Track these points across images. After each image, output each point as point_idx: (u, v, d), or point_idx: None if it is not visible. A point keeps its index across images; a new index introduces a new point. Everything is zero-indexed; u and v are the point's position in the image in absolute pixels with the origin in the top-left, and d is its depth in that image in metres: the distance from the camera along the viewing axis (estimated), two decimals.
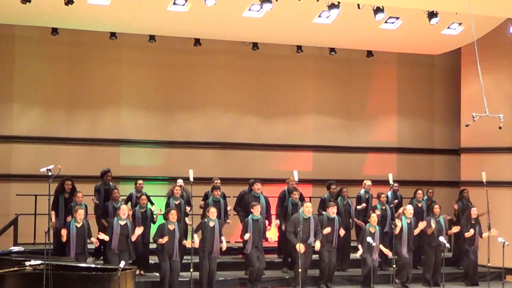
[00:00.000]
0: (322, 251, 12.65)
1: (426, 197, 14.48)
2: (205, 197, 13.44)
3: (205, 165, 15.40)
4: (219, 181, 13.61)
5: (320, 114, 16.89)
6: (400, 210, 13.57)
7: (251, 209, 12.50)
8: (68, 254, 11.27)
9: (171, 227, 11.80)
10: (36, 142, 14.86)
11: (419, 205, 14.07)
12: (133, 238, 11.77)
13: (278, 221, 13.40)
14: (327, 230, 12.51)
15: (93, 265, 10.46)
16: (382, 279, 13.13)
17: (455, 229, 13.56)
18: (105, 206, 12.82)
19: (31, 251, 11.55)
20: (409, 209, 13.12)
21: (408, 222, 13.01)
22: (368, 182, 14.27)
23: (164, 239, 11.68)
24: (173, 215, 11.82)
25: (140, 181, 13.25)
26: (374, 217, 12.89)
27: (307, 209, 12.44)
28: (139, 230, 11.83)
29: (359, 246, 12.66)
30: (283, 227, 13.13)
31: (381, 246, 12.85)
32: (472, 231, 13.45)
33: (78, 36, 14.91)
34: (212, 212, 12.11)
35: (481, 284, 13.63)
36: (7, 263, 9.80)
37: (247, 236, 12.26)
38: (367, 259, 12.56)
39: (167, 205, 12.81)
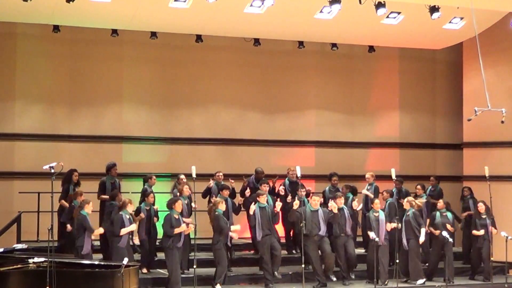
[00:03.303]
0: (323, 243, 12.57)
1: (430, 187, 14.47)
2: (207, 192, 13.30)
3: (207, 161, 15.39)
4: (221, 173, 13.54)
5: (322, 109, 16.87)
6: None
7: (258, 198, 12.45)
8: None
9: (177, 216, 11.68)
10: (38, 140, 14.87)
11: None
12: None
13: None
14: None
15: (96, 262, 10.43)
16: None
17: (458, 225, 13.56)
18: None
19: (34, 248, 11.58)
20: (377, 202, 12.99)
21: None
22: (368, 175, 14.18)
23: (182, 228, 11.57)
24: (179, 204, 11.76)
25: (153, 177, 13.21)
26: (377, 204, 12.89)
27: (315, 202, 12.49)
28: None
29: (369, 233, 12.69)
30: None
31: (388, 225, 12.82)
32: (482, 231, 13.28)
33: (79, 33, 14.90)
34: (222, 203, 12.07)
35: None
36: (10, 260, 9.80)
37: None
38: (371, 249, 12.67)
39: None
